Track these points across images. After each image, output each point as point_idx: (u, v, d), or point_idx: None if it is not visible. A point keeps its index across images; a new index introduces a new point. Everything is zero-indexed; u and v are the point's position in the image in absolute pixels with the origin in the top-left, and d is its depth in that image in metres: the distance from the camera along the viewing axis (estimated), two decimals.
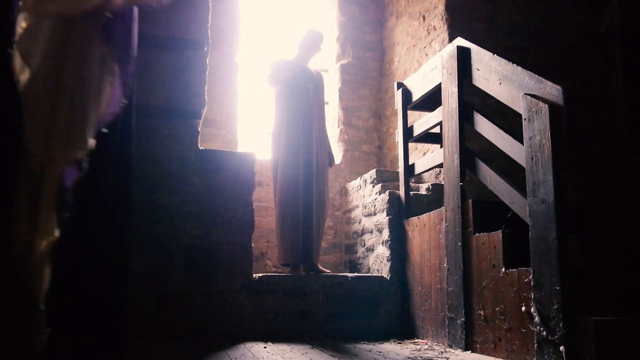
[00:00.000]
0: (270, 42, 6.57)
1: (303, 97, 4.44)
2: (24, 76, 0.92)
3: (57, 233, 0.95)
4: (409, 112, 4.32)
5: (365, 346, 3.39)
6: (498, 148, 3.01)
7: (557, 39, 4.88)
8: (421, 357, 2.93)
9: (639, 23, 4.54)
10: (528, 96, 2.64)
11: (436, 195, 4.21)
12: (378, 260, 4.35)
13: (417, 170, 4.07)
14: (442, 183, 3.67)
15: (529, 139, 2.60)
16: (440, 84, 3.63)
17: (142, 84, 3.81)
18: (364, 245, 4.76)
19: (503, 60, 2.95)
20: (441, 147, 3.60)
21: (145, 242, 3.58)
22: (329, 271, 4.41)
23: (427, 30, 5.14)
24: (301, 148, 4.33)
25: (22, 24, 0.90)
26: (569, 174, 2.51)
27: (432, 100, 3.90)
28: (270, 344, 3.41)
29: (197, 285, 3.62)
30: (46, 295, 0.90)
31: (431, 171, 4.74)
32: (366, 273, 4.56)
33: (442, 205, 3.51)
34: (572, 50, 4.88)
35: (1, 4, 0.86)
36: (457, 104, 3.37)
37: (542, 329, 2.44)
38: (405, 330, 3.93)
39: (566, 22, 4.92)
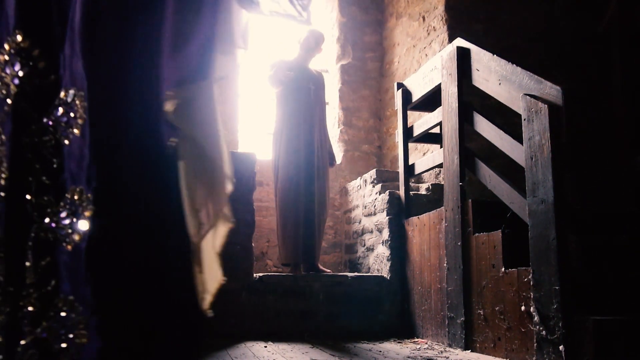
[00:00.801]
0: (271, 43, 6.58)
1: (304, 98, 4.46)
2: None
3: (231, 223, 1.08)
4: (408, 112, 4.33)
5: (365, 345, 3.40)
6: (498, 148, 3.02)
7: (557, 39, 4.89)
8: (421, 356, 2.94)
9: (638, 23, 4.55)
10: (527, 96, 2.65)
11: (436, 195, 4.22)
12: (378, 260, 4.37)
13: (417, 170, 4.08)
14: (442, 183, 3.68)
15: (529, 139, 2.61)
16: (440, 85, 3.64)
17: None
18: (364, 245, 4.77)
19: (502, 61, 2.96)
20: (441, 147, 3.61)
21: None
22: (329, 271, 4.42)
23: (427, 30, 5.15)
24: (302, 148, 4.34)
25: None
26: (568, 173, 2.52)
27: (432, 100, 3.91)
28: (270, 343, 3.42)
29: None
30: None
31: (431, 171, 4.75)
32: (366, 273, 4.57)
33: (442, 205, 3.53)
34: (571, 50, 4.89)
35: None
36: (457, 104, 3.38)
37: (541, 328, 2.46)
38: (405, 330, 3.94)
39: (565, 23, 4.93)
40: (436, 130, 3.97)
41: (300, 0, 1.37)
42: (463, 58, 3.37)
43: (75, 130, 0.75)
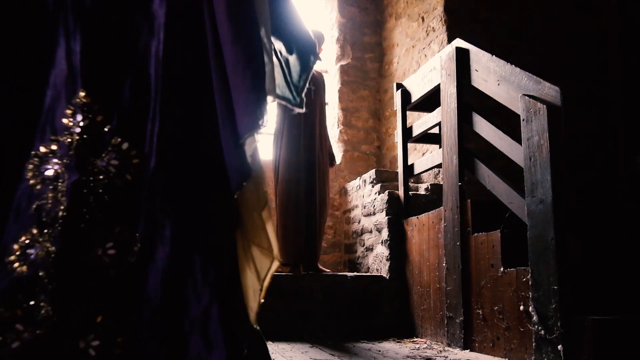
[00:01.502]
0: None
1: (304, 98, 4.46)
2: None
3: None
4: (408, 112, 4.34)
5: (364, 345, 3.41)
6: (496, 148, 3.03)
7: (555, 40, 4.90)
8: (420, 355, 2.95)
9: (637, 24, 4.57)
10: (526, 97, 2.66)
11: (435, 195, 4.23)
12: (377, 260, 4.38)
13: (416, 171, 4.09)
14: (441, 183, 3.69)
15: (527, 139, 2.63)
16: (439, 85, 3.65)
17: None
18: (364, 244, 4.78)
19: (501, 61, 2.97)
20: (440, 147, 3.62)
21: None
22: (328, 270, 4.43)
23: (426, 31, 5.17)
24: (302, 148, 4.35)
25: None
26: (566, 174, 2.53)
27: (431, 101, 3.92)
28: (270, 342, 3.43)
29: None
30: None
31: (430, 171, 4.76)
32: (366, 272, 4.58)
33: (441, 205, 3.54)
34: (570, 51, 4.90)
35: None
36: (456, 105, 3.39)
37: (540, 328, 2.47)
38: (404, 329, 3.95)
39: (564, 24, 4.95)
40: (435, 130, 3.99)
41: (297, 85, 1.51)
42: (462, 58, 3.38)
43: (128, 176, 0.89)
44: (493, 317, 2.91)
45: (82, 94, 0.90)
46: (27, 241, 0.82)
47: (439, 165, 3.70)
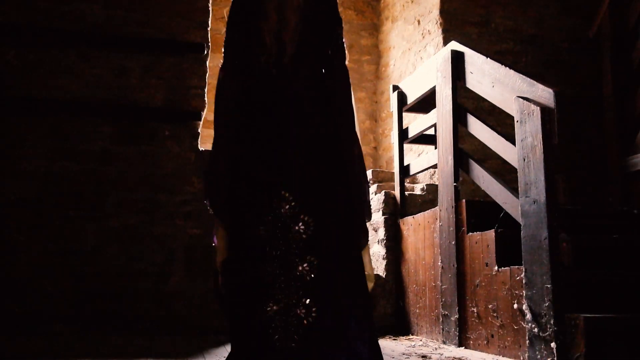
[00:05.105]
0: None
1: None
2: None
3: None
4: (404, 114, 4.39)
5: None
6: (491, 149, 3.08)
7: (549, 43, 4.97)
8: (416, 353, 2.99)
9: (628, 27, 4.63)
10: (520, 99, 2.70)
11: (430, 195, 4.28)
12: (374, 259, 4.42)
13: (412, 171, 4.13)
14: (437, 183, 3.74)
15: (521, 140, 2.67)
16: (434, 87, 3.69)
17: (144, 86, 3.87)
18: None
19: (496, 64, 3.02)
20: (435, 148, 3.67)
21: (146, 241, 3.64)
22: None
23: (422, 34, 5.22)
24: None
25: None
26: (559, 174, 2.58)
27: (426, 102, 3.96)
28: None
29: (197, 283, 3.67)
30: None
31: (426, 172, 4.81)
32: None
33: (437, 205, 3.58)
34: (563, 54, 4.97)
35: None
36: (451, 107, 3.43)
37: (533, 325, 2.51)
38: (400, 327, 3.99)
39: (557, 27, 5.01)
40: (431, 131, 4.03)
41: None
42: (457, 61, 3.42)
43: (309, 232, 1.63)
44: (487, 315, 2.96)
45: (284, 193, 1.63)
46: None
47: (435, 166, 3.74)
